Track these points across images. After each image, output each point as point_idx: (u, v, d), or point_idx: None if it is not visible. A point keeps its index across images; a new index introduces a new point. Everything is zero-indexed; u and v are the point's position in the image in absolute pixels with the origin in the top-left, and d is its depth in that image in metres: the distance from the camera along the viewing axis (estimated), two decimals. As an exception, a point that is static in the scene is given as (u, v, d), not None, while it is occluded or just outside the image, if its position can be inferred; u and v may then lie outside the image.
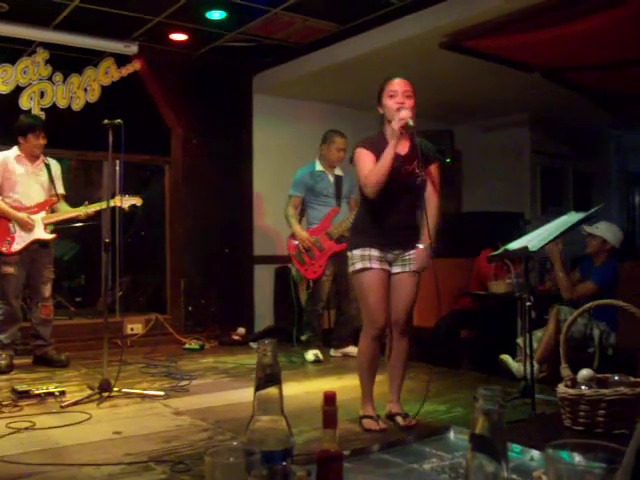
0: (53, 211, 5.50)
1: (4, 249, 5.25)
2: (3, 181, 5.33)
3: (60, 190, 5.57)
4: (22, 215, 5.28)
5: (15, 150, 5.40)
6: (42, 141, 5.38)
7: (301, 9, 5.70)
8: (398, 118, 3.50)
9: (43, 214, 5.40)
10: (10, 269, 5.28)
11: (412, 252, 3.72)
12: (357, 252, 3.67)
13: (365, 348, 3.74)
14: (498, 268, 6.05)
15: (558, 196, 9.00)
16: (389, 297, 3.73)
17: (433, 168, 3.78)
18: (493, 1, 4.97)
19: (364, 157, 3.65)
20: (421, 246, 3.74)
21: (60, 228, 5.78)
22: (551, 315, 4.96)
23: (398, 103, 3.56)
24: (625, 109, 7.72)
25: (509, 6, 4.95)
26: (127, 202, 5.23)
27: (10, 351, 5.35)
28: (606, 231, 5.13)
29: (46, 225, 5.40)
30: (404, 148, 3.66)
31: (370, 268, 3.63)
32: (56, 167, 5.60)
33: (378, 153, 3.58)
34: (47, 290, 5.49)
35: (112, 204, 5.11)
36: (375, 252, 3.63)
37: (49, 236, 5.43)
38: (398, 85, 3.61)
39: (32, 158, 5.43)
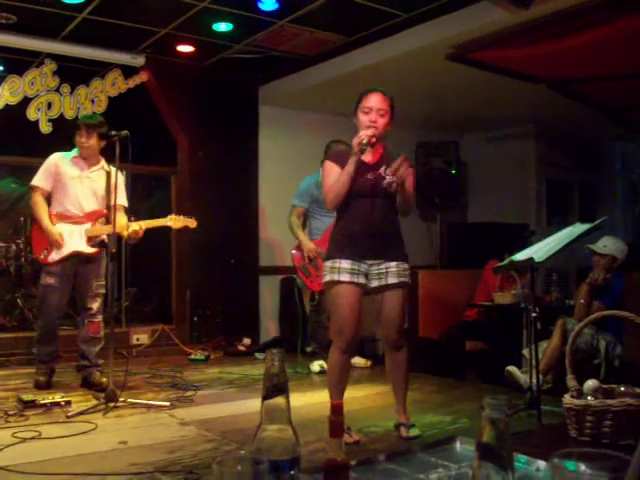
0: (107, 223, 4.96)
1: (42, 257, 4.91)
2: (54, 183, 4.94)
3: (119, 201, 4.81)
4: (54, 232, 4.83)
5: (74, 151, 5.02)
6: (85, 139, 4.91)
7: (307, 21, 5.74)
8: (357, 136, 3.54)
9: (89, 225, 4.96)
10: (51, 280, 4.89)
11: (390, 265, 3.66)
12: (328, 263, 3.67)
13: (333, 360, 3.71)
14: (504, 279, 6.05)
15: (563, 207, 9.00)
16: (363, 311, 3.71)
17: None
18: (498, 13, 4.99)
19: (329, 170, 3.72)
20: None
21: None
22: (557, 326, 4.94)
23: (370, 122, 3.59)
24: (631, 120, 7.72)
25: (514, 18, 4.97)
26: (180, 223, 4.94)
27: (52, 365, 5.09)
28: (615, 248, 5.06)
29: (90, 238, 4.94)
30: (375, 157, 3.69)
31: (339, 281, 3.60)
32: (118, 177, 4.87)
33: (344, 165, 3.62)
34: (95, 305, 5.01)
35: (165, 223, 4.90)
36: (346, 264, 3.59)
37: (89, 250, 4.93)
38: (374, 102, 3.63)
39: (89, 161, 5.02)
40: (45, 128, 6.24)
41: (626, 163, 9.87)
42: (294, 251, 6.04)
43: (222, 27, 5.93)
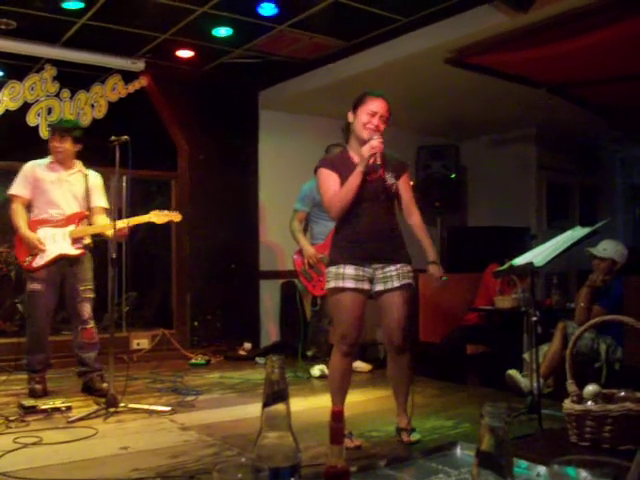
0: (90, 225, 5.04)
1: (26, 263, 4.89)
2: (33, 190, 4.94)
3: (99, 203, 5.05)
4: (32, 237, 4.83)
5: (49, 158, 5.04)
6: (59, 143, 4.94)
7: (307, 26, 5.74)
8: (370, 146, 3.49)
9: (72, 227, 4.95)
10: (37, 286, 4.86)
11: (394, 267, 3.64)
12: (332, 269, 3.63)
13: (335, 364, 3.71)
14: (504, 283, 6.04)
15: (564, 211, 9.00)
16: (365, 315, 3.70)
17: (405, 179, 3.76)
18: (498, 18, 4.99)
19: (326, 178, 3.67)
20: (432, 266, 3.74)
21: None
22: (558, 330, 4.94)
23: (373, 125, 3.57)
24: (631, 124, 7.72)
25: (513, 23, 4.98)
26: (163, 218, 4.88)
27: (44, 373, 5.01)
28: (614, 252, 5.04)
29: (74, 240, 4.95)
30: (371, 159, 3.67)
31: (343, 288, 3.58)
32: (95, 179, 5.11)
33: (340, 171, 3.61)
34: (85, 311, 4.99)
35: (148, 219, 4.84)
36: (350, 270, 3.58)
37: (75, 252, 4.93)
38: (379, 107, 3.60)
39: (65, 165, 5.02)
40: (45, 133, 6.23)
41: (626, 166, 9.88)
42: (295, 256, 6.03)
43: (222, 32, 5.93)
